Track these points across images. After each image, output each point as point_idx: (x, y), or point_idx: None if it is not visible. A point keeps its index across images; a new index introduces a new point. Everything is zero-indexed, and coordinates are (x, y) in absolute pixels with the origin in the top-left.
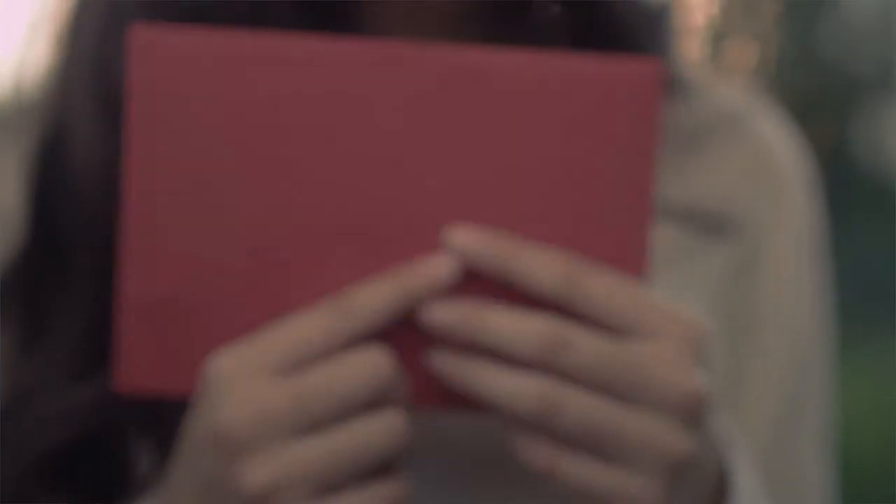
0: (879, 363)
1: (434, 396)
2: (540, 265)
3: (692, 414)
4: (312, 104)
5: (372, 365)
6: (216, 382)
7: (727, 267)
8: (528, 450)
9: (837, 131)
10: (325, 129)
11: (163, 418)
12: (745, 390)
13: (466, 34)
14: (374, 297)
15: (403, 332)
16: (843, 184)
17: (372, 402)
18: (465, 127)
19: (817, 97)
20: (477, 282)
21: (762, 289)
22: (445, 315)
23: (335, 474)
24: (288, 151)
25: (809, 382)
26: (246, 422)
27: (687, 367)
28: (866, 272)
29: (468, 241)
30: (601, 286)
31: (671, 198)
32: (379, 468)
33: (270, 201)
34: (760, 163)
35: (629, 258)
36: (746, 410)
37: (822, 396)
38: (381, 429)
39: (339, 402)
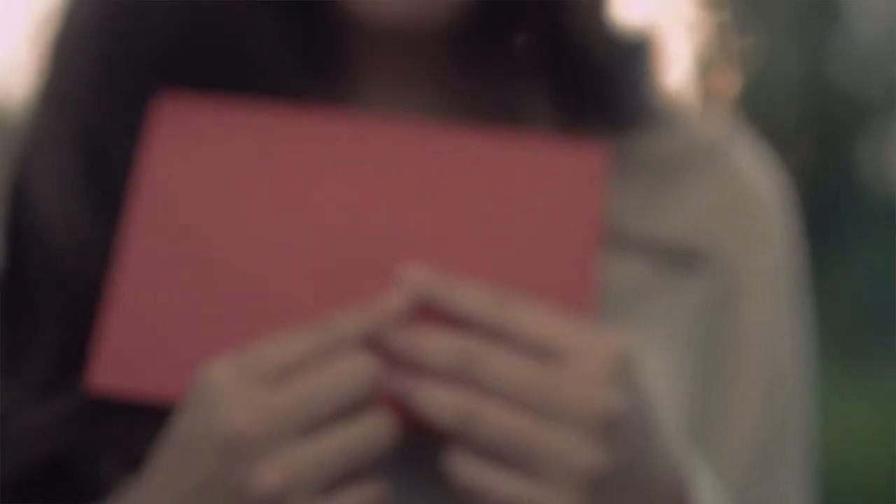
0: (887, 383)
1: (401, 423)
2: (475, 296)
3: (605, 430)
4: (304, 168)
5: (360, 367)
6: (214, 389)
7: (702, 301)
8: (455, 465)
9: (843, 153)
10: (313, 190)
11: (132, 435)
12: (723, 424)
13: (447, 63)
14: (349, 319)
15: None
16: (849, 205)
17: (360, 405)
18: (435, 193)
19: (823, 119)
20: (433, 314)
21: (739, 323)
22: (393, 339)
23: (335, 473)
24: (280, 210)
25: (788, 416)
26: (255, 425)
27: (602, 385)
28: (872, 292)
29: (416, 275)
30: (527, 313)
31: (645, 232)
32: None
33: (258, 246)
34: (737, 195)
35: (578, 298)
36: (724, 444)
37: (800, 430)
38: (372, 428)
39: (335, 404)
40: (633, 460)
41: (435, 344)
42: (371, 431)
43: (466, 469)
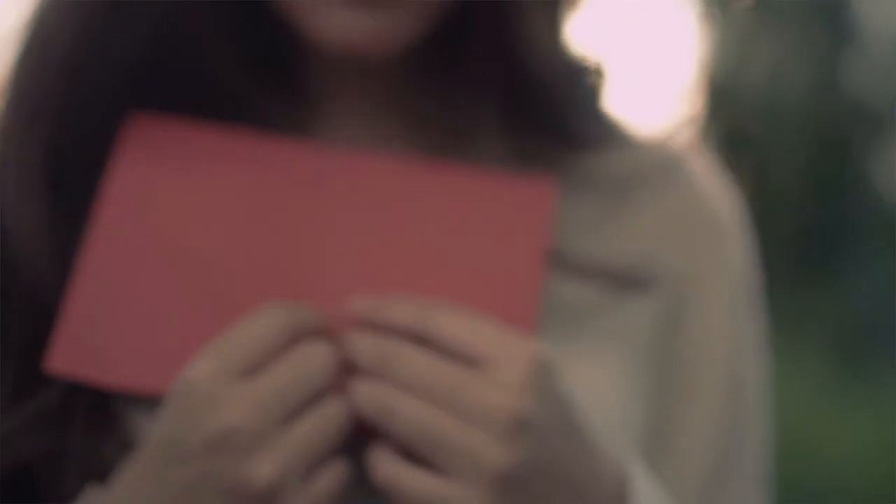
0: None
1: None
2: (403, 309)
3: (514, 432)
4: (262, 193)
5: (322, 354)
6: (199, 388)
7: (656, 319)
8: (373, 461)
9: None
10: (269, 214)
11: (95, 444)
12: (679, 439)
13: (405, 88)
14: (304, 312)
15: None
16: (860, 216)
17: (322, 391)
18: (389, 221)
19: (835, 130)
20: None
21: (693, 340)
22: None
23: (315, 458)
24: (235, 230)
25: (744, 431)
26: (246, 419)
27: (515, 389)
28: (884, 301)
29: (361, 301)
30: (449, 321)
31: (598, 253)
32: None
33: (212, 261)
34: (690, 214)
35: (520, 317)
36: (680, 457)
37: (757, 445)
38: (336, 412)
39: (309, 389)
40: (549, 462)
41: (360, 344)
42: (336, 415)
43: (383, 465)
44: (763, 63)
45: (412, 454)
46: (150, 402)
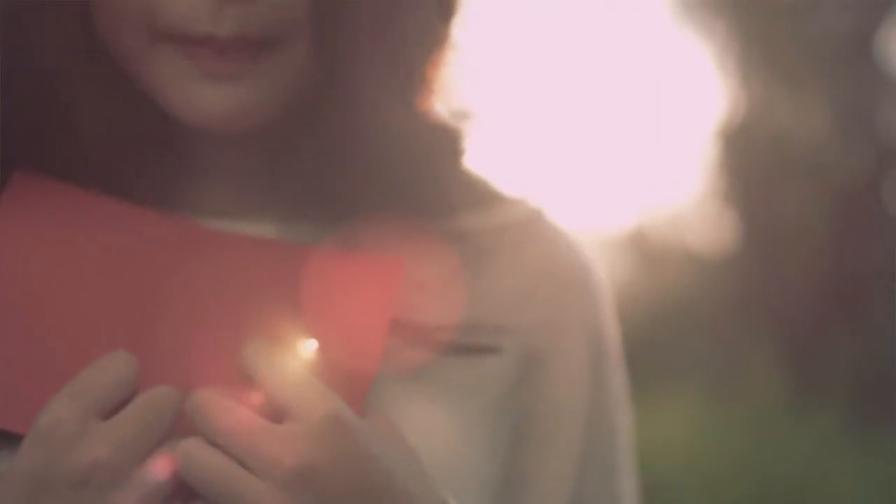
0: None
1: None
2: (241, 354)
3: (297, 485)
4: (120, 256)
5: (172, 397)
6: (60, 426)
7: (507, 375)
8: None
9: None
10: (125, 275)
11: None
12: (536, 486)
13: (269, 157)
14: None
15: None
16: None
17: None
18: (246, 292)
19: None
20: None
21: (548, 393)
22: None
23: (165, 495)
24: (91, 291)
25: (596, 477)
26: (108, 455)
27: (302, 443)
28: None
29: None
30: (265, 373)
31: (447, 319)
32: None
33: (68, 319)
34: (545, 270)
35: (360, 379)
36: None
37: (627, 489)
38: (187, 452)
39: (161, 430)
40: None
41: (191, 397)
42: (188, 454)
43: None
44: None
45: None
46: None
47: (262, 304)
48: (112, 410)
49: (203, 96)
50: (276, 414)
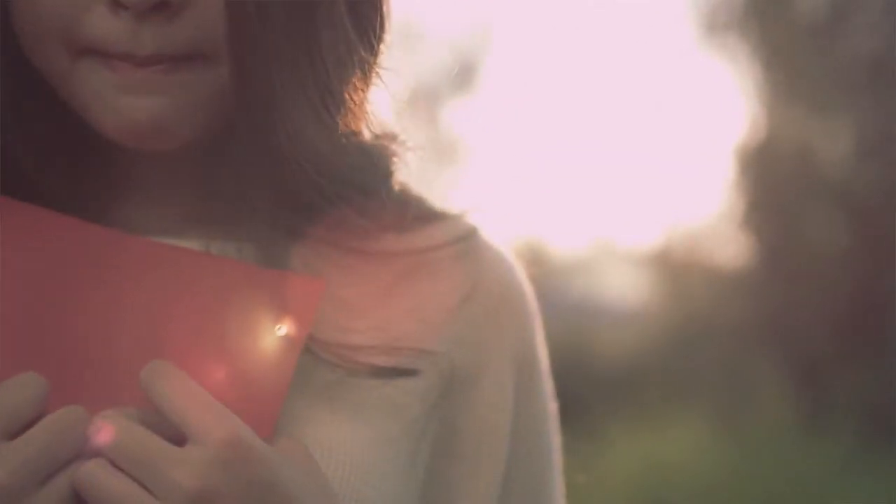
0: None
1: None
2: (148, 378)
3: None
4: (55, 269)
5: (82, 419)
6: None
7: (428, 393)
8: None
9: None
10: (59, 288)
11: None
12: (450, 497)
13: (198, 175)
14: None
15: None
16: None
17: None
18: (167, 303)
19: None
20: None
21: (470, 411)
22: None
23: None
24: (31, 301)
25: (522, 497)
26: (10, 476)
27: (199, 467)
28: None
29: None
30: (167, 396)
31: (374, 333)
32: None
33: (21, 328)
34: (469, 288)
35: (271, 396)
36: None
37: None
38: (91, 473)
39: (68, 451)
40: None
41: (97, 418)
42: (88, 475)
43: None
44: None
45: None
46: None
47: (177, 317)
48: (19, 432)
49: (121, 109)
50: (180, 437)
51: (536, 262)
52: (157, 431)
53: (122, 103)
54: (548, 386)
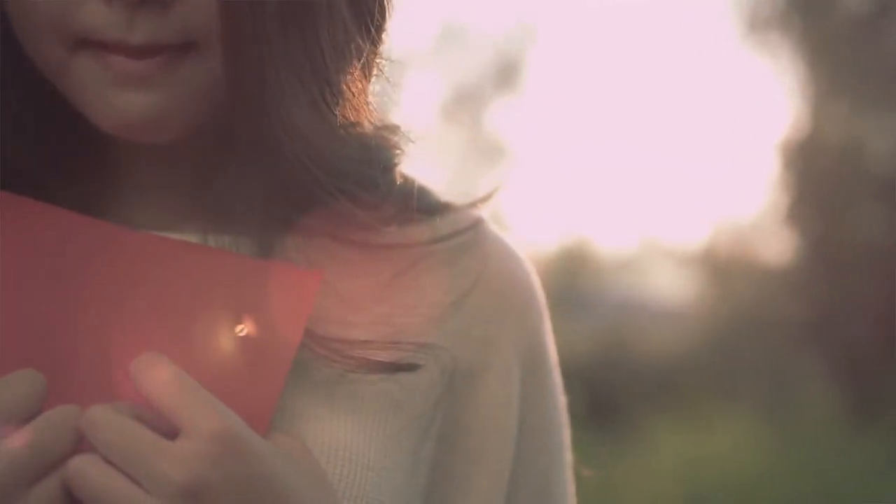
0: None
1: None
2: (138, 371)
3: (185, 502)
4: (51, 264)
5: (74, 418)
6: None
7: (431, 388)
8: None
9: None
10: (55, 283)
11: None
12: (464, 499)
13: (196, 168)
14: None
15: None
16: None
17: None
18: (165, 295)
19: None
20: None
21: (475, 406)
22: None
23: None
24: (24, 294)
25: (529, 496)
26: (3, 477)
27: (190, 461)
28: None
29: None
30: (156, 388)
31: (381, 327)
32: None
33: (17, 320)
34: (473, 280)
35: (268, 389)
36: None
37: (550, 497)
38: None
39: (59, 451)
40: None
41: (86, 413)
42: (78, 470)
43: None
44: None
45: None
46: None
47: (172, 309)
48: (14, 430)
49: (116, 103)
50: (173, 430)
51: (583, 261)
52: (151, 426)
53: (116, 98)
54: (556, 380)
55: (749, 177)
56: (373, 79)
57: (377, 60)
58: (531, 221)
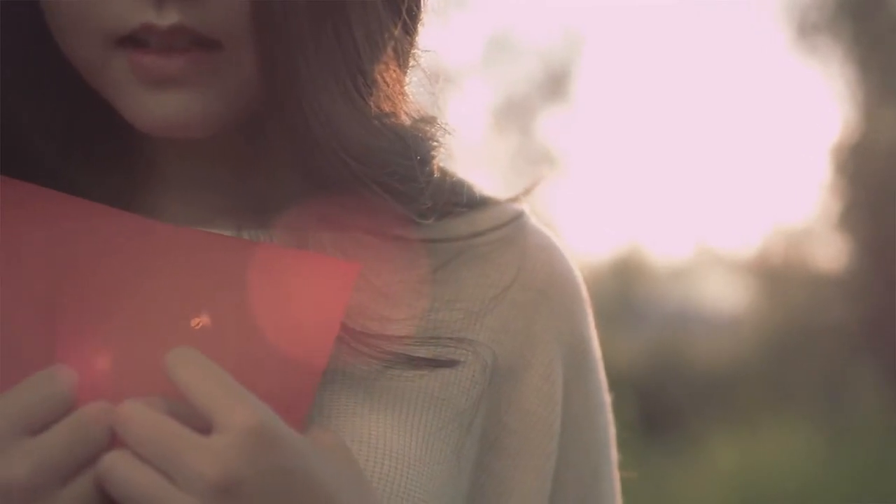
0: None
1: None
2: (173, 365)
3: (218, 498)
4: (75, 256)
5: (105, 415)
6: None
7: (472, 385)
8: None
9: None
10: (78, 277)
11: None
12: (506, 498)
13: (229, 163)
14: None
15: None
16: None
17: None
18: (194, 288)
19: None
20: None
21: (517, 403)
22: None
23: None
24: (43, 289)
25: (573, 494)
26: (29, 474)
27: (223, 456)
28: None
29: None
30: (189, 382)
31: (424, 319)
32: None
33: (13, 320)
34: (514, 275)
35: (303, 383)
36: None
37: (595, 494)
38: (109, 470)
39: (90, 449)
40: None
41: (119, 409)
42: (110, 467)
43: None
44: None
45: None
46: None
47: (206, 302)
48: (44, 427)
49: (149, 103)
50: (207, 425)
51: (637, 270)
52: (184, 421)
53: (148, 99)
54: (600, 375)
55: (801, 183)
56: (409, 69)
57: (413, 51)
58: (584, 231)
